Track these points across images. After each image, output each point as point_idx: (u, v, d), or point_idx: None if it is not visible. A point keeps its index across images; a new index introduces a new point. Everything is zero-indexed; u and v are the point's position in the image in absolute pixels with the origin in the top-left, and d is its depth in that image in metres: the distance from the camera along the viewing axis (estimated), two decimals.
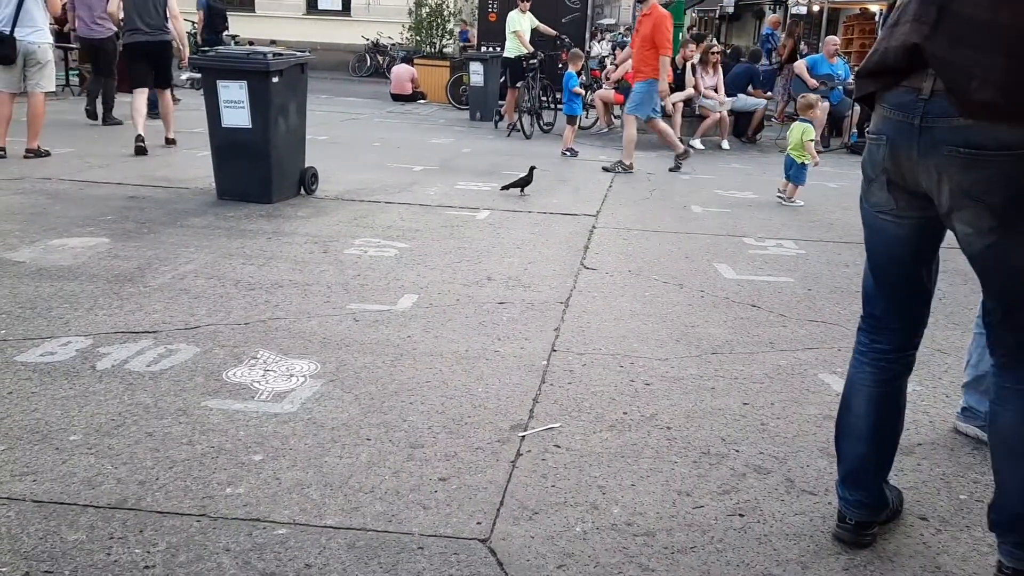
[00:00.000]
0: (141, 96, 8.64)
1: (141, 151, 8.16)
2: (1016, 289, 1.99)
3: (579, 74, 11.01)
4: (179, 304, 3.96)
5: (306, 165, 6.68)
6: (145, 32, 8.51)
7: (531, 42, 12.02)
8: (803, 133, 7.33)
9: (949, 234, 2.15)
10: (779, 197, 7.46)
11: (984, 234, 1.94)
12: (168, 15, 8.61)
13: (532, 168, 7.25)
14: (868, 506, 2.27)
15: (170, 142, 8.79)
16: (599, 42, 24.55)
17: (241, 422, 2.81)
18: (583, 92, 11.74)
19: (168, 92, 8.95)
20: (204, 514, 2.27)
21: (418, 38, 20.08)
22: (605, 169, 8.74)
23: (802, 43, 14.63)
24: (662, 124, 9.07)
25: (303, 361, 3.34)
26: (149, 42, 8.57)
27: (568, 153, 9.89)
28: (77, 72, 13.81)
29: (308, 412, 2.90)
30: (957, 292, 4.70)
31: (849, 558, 2.21)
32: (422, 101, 16.69)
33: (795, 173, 7.38)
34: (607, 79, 13.12)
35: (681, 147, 9.14)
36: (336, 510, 2.31)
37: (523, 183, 7.15)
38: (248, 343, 3.51)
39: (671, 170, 9.01)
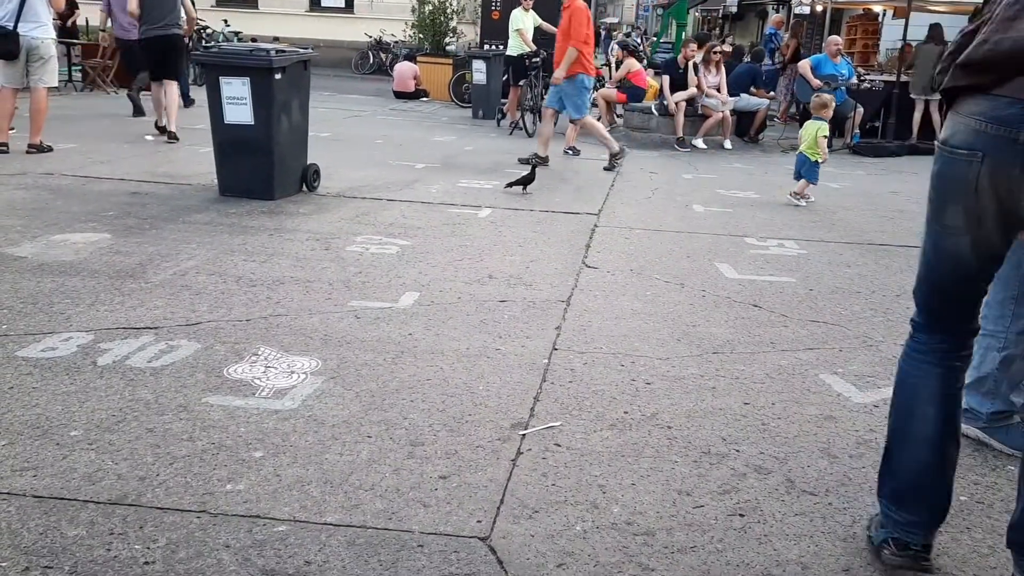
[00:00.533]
0: (172, 87, 8.96)
1: (173, 137, 8.72)
2: None
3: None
4: (180, 300, 3.96)
5: (308, 162, 6.68)
6: (159, 27, 8.82)
7: (534, 40, 12.01)
8: (818, 130, 7.37)
9: None
10: (793, 198, 7.48)
11: None
12: (184, 10, 9.10)
13: (534, 166, 7.23)
14: (933, 523, 2.12)
15: (171, 137, 8.76)
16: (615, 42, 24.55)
17: (242, 419, 2.81)
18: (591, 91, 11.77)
19: (175, 84, 9.07)
20: (204, 510, 2.27)
21: (421, 36, 20.07)
22: (522, 160, 8.52)
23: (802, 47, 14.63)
24: (591, 121, 8.90)
25: (304, 358, 3.34)
26: (162, 36, 8.87)
27: (570, 152, 9.88)
28: (80, 68, 13.83)
29: (309, 409, 2.90)
30: None
31: (849, 559, 2.21)
32: (425, 99, 16.68)
33: (808, 171, 7.43)
34: (610, 79, 13.12)
35: (616, 146, 8.90)
36: (336, 507, 2.31)
37: (525, 181, 7.15)
38: (249, 340, 3.51)
39: (605, 169, 8.78)
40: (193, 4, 9.71)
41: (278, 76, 6.07)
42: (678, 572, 2.12)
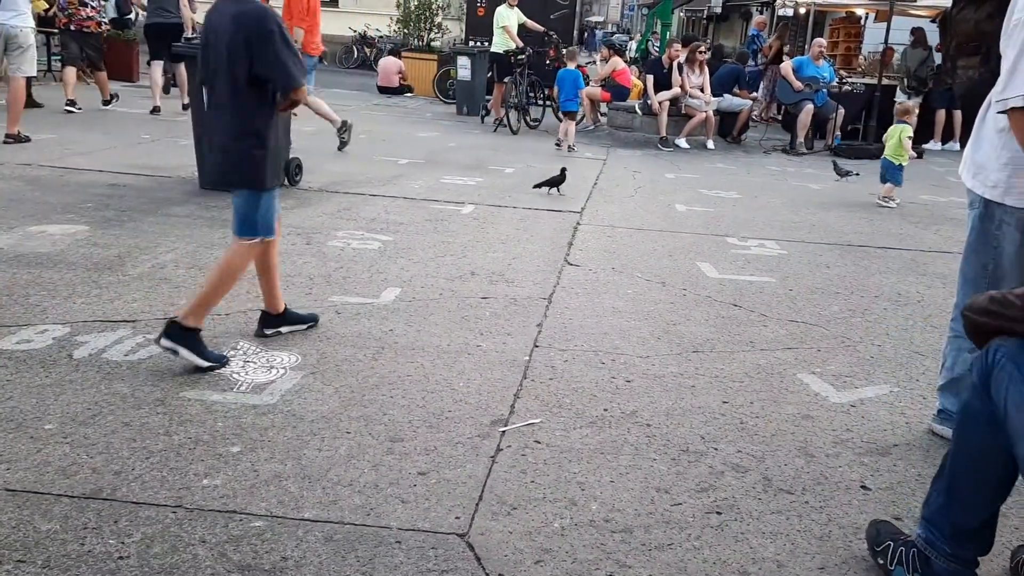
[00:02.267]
0: (157, 68, 10.45)
1: (156, 110, 10.15)
2: None
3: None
4: (159, 293, 3.92)
5: (290, 156, 6.64)
6: (162, 15, 10.13)
7: (519, 38, 12.00)
8: (902, 132, 7.61)
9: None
10: (882, 201, 7.74)
11: None
12: (180, 3, 10.20)
13: (563, 169, 7.27)
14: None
15: (186, 107, 9.44)
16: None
17: (219, 413, 2.79)
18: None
19: (183, 64, 9.30)
20: (180, 505, 2.25)
21: (406, 31, 20.00)
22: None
23: (786, 46, 14.69)
24: (316, 100, 8.47)
25: (284, 353, 3.32)
26: (164, 23, 10.00)
27: (568, 148, 9.95)
28: (61, 58, 13.65)
29: (288, 404, 2.89)
30: (936, 295, 4.75)
31: (824, 557, 2.23)
32: (409, 94, 16.63)
33: (892, 174, 7.68)
34: (594, 78, 13.14)
35: (339, 120, 8.45)
36: (314, 503, 2.30)
37: (555, 182, 7.16)
38: (228, 334, 3.48)
39: (340, 149, 8.51)
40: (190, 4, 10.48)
41: None
42: (655, 569, 2.13)
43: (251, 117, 3.18)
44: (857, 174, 8.97)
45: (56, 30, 13.86)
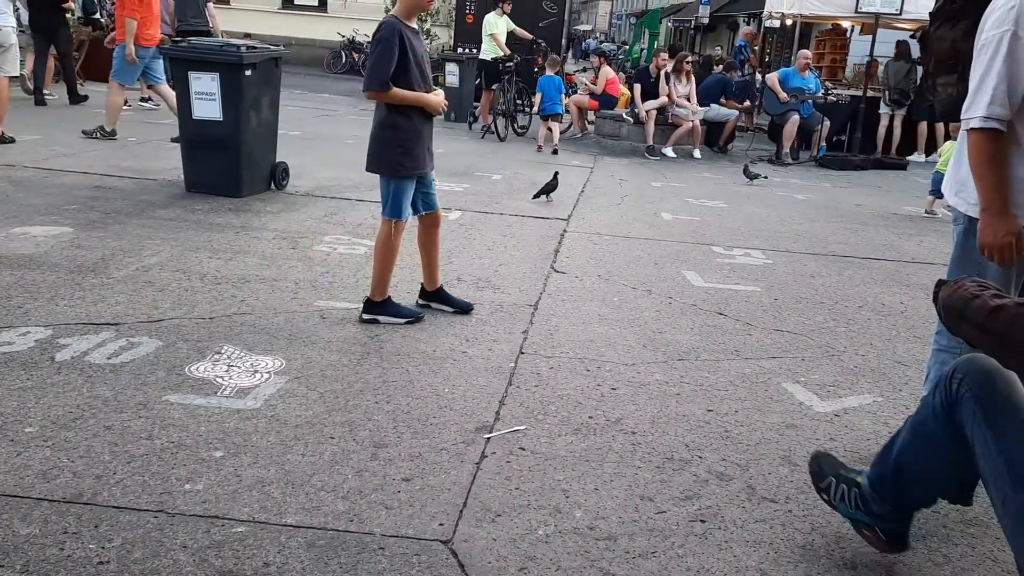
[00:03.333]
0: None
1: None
2: None
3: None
4: (143, 296, 3.90)
5: (277, 160, 6.62)
6: (191, 22, 10.46)
7: (507, 45, 12.03)
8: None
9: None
10: (927, 213, 7.96)
11: None
12: (208, 13, 10.80)
13: (556, 173, 7.39)
14: None
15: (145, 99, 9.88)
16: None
17: (202, 417, 2.77)
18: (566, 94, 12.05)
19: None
20: (162, 510, 2.23)
21: None
22: (85, 132, 8.32)
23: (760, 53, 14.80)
24: (166, 91, 8.51)
25: (268, 357, 3.30)
26: (192, 30, 10.09)
27: (552, 152, 10.01)
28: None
29: (272, 409, 2.87)
30: (919, 306, 4.78)
31: (808, 566, 2.24)
32: None
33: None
34: (583, 86, 13.18)
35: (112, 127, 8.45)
36: (297, 508, 2.29)
37: (550, 188, 7.23)
38: (212, 338, 3.46)
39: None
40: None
41: (248, 72, 6.01)
42: None
43: (387, 112, 3.71)
44: (765, 177, 9.18)
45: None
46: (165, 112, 10.04)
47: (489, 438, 2.81)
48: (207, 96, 6.02)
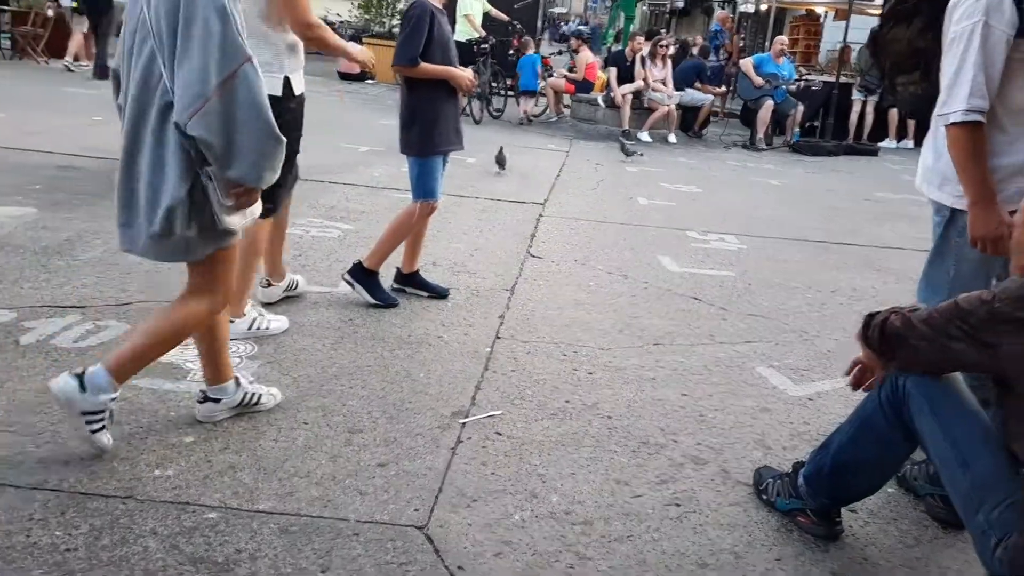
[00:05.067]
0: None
1: None
2: None
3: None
4: (110, 279, 3.82)
5: None
6: None
7: (482, 27, 11.93)
8: None
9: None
10: None
11: None
12: None
13: (501, 148, 7.69)
14: None
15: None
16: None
17: (172, 402, 2.73)
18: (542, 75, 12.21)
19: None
20: (130, 496, 2.19)
21: (367, 17, 19.77)
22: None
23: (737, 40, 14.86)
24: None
25: (240, 342, 3.25)
26: None
27: (528, 120, 10.17)
28: (10, 36, 13.25)
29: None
30: (890, 290, 4.83)
31: (781, 548, 2.25)
32: (370, 81, 16.43)
33: None
34: (559, 70, 13.13)
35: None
36: (270, 494, 2.26)
37: (500, 162, 7.57)
38: None
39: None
40: None
41: None
42: (615, 561, 2.12)
43: (409, 93, 3.82)
44: (641, 154, 9.31)
45: (5, 8, 13.52)
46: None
47: (465, 423, 2.79)
48: None
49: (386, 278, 4.00)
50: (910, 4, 2.57)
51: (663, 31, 15.87)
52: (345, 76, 16.33)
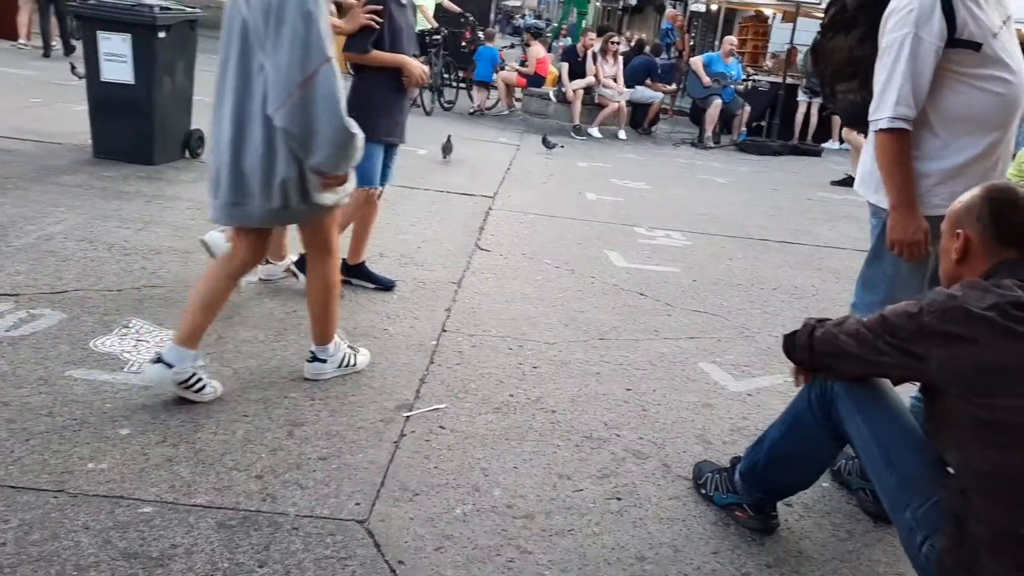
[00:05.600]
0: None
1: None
2: None
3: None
4: (45, 266, 3.71)
5: (192, 127, 6.38)
6: None
7: (435, 18, 11.86)
8: None
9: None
10: None
11: None
12: None
13: (449, 136, 7.84)
14: None
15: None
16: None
17: (108, 394, 2.66)
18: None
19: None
20: (62, 490, 2.14)
21: None
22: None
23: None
24: None
25: None
26: None
27: (481, 112, 10.53)
28: None
29: None
30: (829, 289, 4.94)
31: (718, 542, 2.29)
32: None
33: None
34: (512, 63, 13.12)
35: None
36: (207, 488, 2.22)
37: (446, 149, 7.77)
38: (120, 311, 3.33)
39: None
40: None
41: (162, 35, 5.75)
42: (555, 555, 2.14)
43: (358, 79, 3.76)
44: (562, 146, 9.43)
45: None
46: (66, 74, 9.58)
47: (409, 416, 2.78)
48: (117, 58, 5.74)
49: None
50: (849, 14, 2.63)
51: (613, 28, 15.92)
52: None
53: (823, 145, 12.41)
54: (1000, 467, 1.72)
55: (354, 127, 2.52)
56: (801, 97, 12.52)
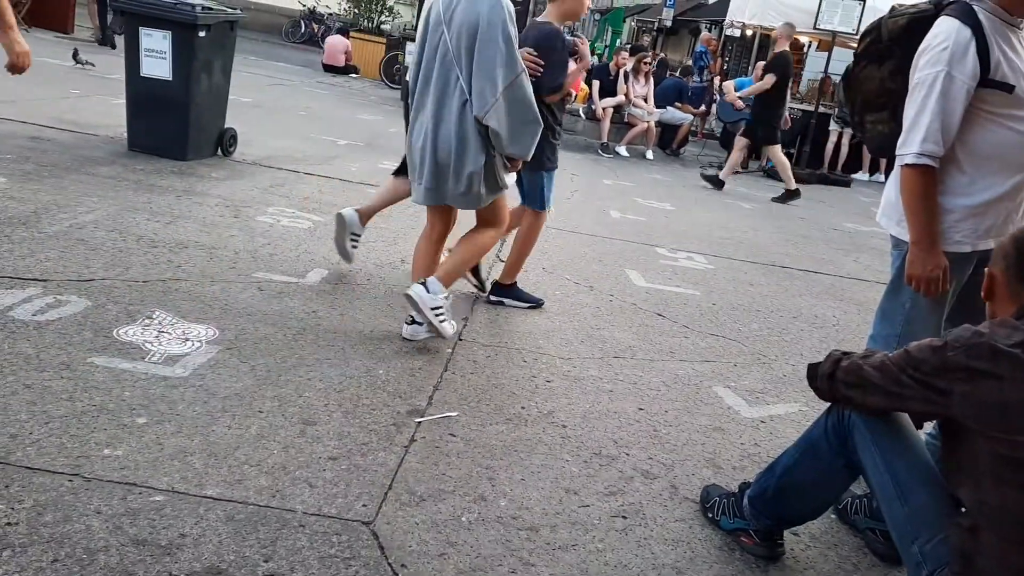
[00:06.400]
0: None
1: None
2: None
3: None
4: (74, 254, 3.78)
5: (226, 126, 6.48)
6: None
7: None
8: None
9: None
10: None
11: None
12: None
13: None
14: None
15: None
16: None
17: (128, 382, 2.71)
18: None
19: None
20: (77, 474, 2.18)
21: (356, 11, 19.72)
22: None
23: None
24: None
25: (201, 326, 3.24)
26: None
27: None
28: None
29: (200, 378, 2.82)
30: (851, 320, 4.91)
31: (721, 567, 2.29)
32: (354, 75, 16.41)
33: None
34: None
35: None
36: (219, 481, 2.25)
37: None
38: (144, 302, 3.38)
39: None
40: None
41: (202, 33, 5.86)
42: (557, 569, 2.15)
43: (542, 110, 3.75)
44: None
45: None
46: (111, 67, 9.76)
47: (420, 422, 2.80)
48: (157, 54, 5.85)
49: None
50: (883, 46, 2.64)
51: (646, 47, 15.96)
52: (329, 68, 16.30)
53: (853, 176, 12.35)
54: (1015, 504, 1.72)
55: (539, 122, 3.28)
56: (832, 127, 12.47)
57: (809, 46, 16.34)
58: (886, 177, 10.92)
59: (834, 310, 5.14)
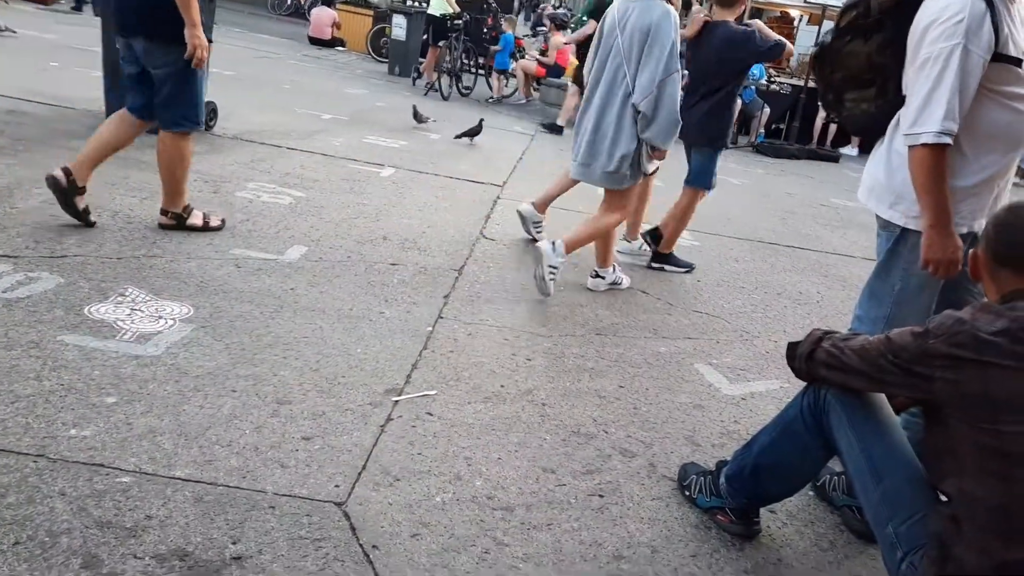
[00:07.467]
0: None
1: None
2: None
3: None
4: (47, 230, 3.71)
5: (207, 99, 6.35)
6: None
7: (457, 2, 11.81)
8: None
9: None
10: None
11: None
12: None
13: (481, 120, 7.94)
14: None
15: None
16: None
17: (98, 361, 2.66)
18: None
19: None
20: (43, 455, 2.14)
21: None
22: None
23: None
24: None
25: (175, 304, 3.19)
26: None
27: (498, 100, 10.72)
28: None
29: (173, 357, 2.77)
30: (835, 296, 4.90)
31: (697, 545, 2.27)
32: (340, 48, 16.19)
33: None
34: (535, 53, 13.06)
35: None
36: (188, 462, 2.22)
37: (473, 132, 7.89)
38: (117, 279, 3.33)
39: None
40: None
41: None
42: (531, 548, 2.13)
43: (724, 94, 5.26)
44: (434, 120, 8.83)
45: None
46: (87, 39, 9.58)
47: (397, 401, 2.77)
48: None
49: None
50: (873, 18, 2.53)
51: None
52: (315, 41, 16.08)
53: (841, 151, 12.30)
54: (998, 495, 1.69)
55: (679, 121, 3.82)
56: (822, 101, 12.40)
57: (800, 20, 16.24)
58: (861, 153, 10.84)
59: (818, 286, 5.12)
